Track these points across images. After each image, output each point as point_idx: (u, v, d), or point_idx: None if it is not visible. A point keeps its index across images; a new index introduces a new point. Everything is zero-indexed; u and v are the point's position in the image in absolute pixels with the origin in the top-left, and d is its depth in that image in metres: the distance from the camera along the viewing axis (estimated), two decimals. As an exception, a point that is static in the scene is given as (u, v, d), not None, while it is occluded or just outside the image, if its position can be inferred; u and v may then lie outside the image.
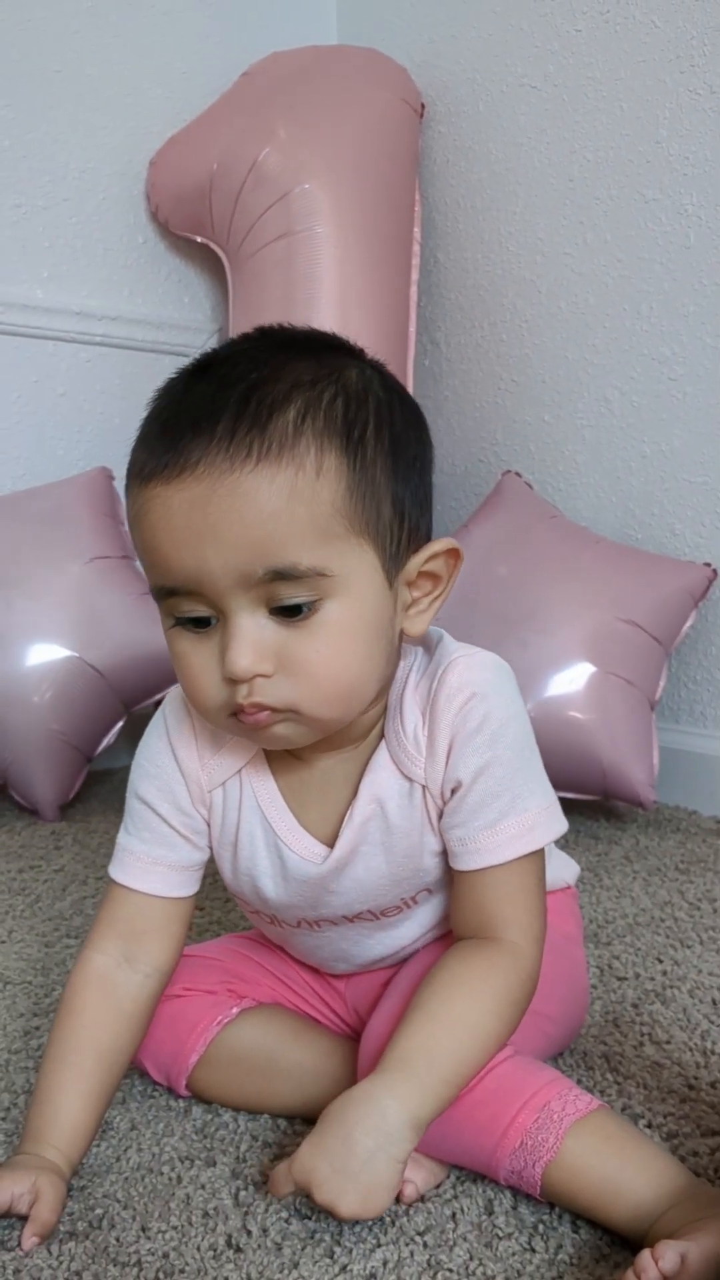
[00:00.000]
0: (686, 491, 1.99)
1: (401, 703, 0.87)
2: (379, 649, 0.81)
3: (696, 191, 1.93)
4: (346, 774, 0.89)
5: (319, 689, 0.78)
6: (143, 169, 2.25)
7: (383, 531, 0.79)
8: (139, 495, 0.77)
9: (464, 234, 2.30)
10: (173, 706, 0.93)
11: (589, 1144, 0.79)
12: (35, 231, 2.14)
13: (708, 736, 1.99)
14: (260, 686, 0.77)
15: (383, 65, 2.24)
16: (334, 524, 0.76)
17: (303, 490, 0.74)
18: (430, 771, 0.86)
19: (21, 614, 1.85)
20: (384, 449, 0.79)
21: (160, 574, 0.78)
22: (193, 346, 2.35)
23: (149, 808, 0.92)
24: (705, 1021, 1.13)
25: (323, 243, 2.03)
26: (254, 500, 0.73)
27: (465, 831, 0.86)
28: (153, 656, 1.92)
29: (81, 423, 2.23)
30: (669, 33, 1.94)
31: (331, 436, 0.76)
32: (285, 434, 0.74)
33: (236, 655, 0.76)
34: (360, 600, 0.78)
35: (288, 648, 0.77)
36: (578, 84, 2.08)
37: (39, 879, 1.59)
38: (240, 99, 2.18)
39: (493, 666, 0.87)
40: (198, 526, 0.74)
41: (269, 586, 0.75)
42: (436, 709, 0.85)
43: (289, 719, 0.79)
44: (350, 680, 0.79)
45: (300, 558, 0.75)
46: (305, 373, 0.77)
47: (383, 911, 0.93)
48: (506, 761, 0.85)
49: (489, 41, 2.22)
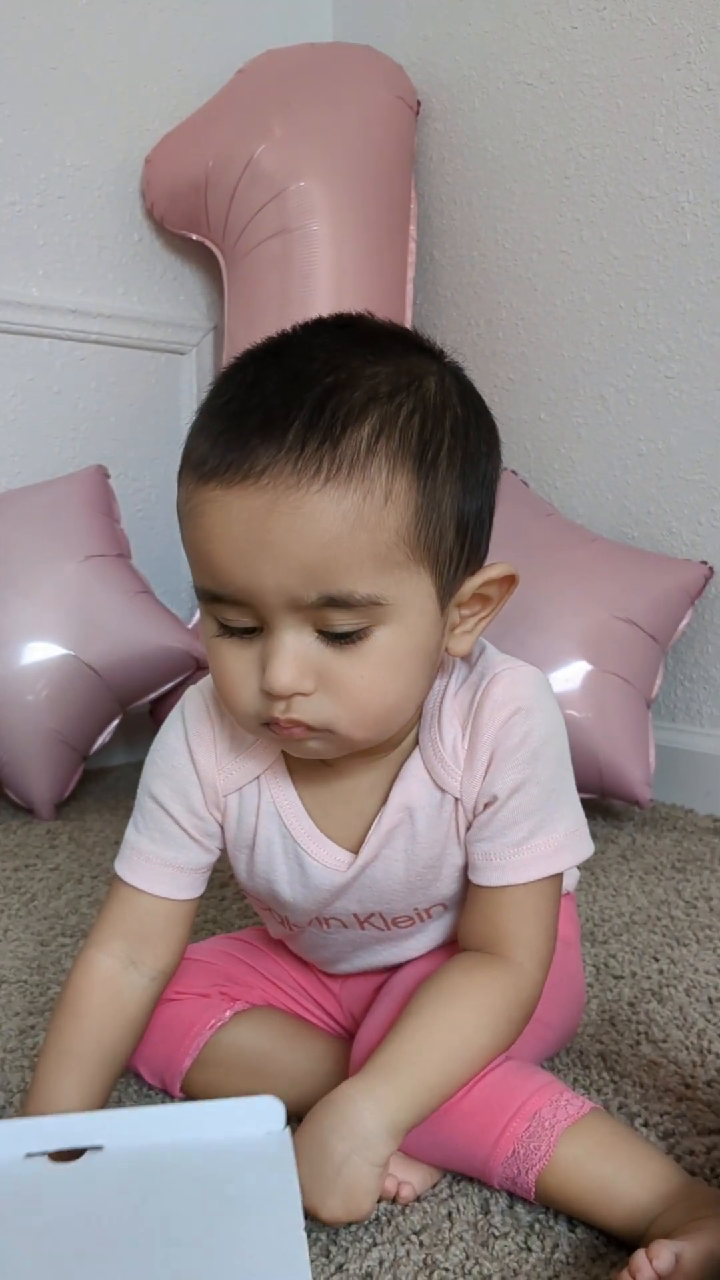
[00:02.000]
0: (683, 489, 1.99)
1: (440, 713, 0.85)
2: (423, 674, 0.79)
3: (693, 189, 1.93)
4: (373, 781, 0.87)
5: (358, 712, 0.76)
6: (138, 166, 2.25)
7: (443, 558, 0.76)
8: (195, 492, 0.73)
9: (460, 231, 2.30)
10: (193, 704, 0.90)
11: (582, 1149, 0.79)
12: (30, 229, 2.14)
13: (704, 735, 1.99)
14: (299, 704, 0.75)
15: (378, 62, 2.23)
16: (396, 552, 0.73)
17: (368, 517, 0.71)
18: (467, 784, 0.84)
19: (16, 612, 1.84)
20: (455, 469, 0.76)
21: (209, 580, 0.75)
22: (188, 344, 2.35)
23: (161, 807, 0.90)
24: (701, 1020, 1.13)
25: (318, 240, 2.02)
26: (317, 522, 0.70)
27: (491, 846, 0.85)
28: (148, 655, 1.91)
29: (76, 420, 2.22)
30: (665, 30, 1.93)
31: (405, 459, 0.72)
32: (358, 452, 0.71)
33: (278, 672, 0.73)
34: (412, 628, 0.75)
35: (331, 668, 0.74)
36: (574, 81, 2.08)
37: (34, 877, 1.59)
38: (236, 96, 2.18)
39: (536, 682, 0.85)
40: (255, 541, 0.71)
41: (320, 611, 0.72)
42: (479, 722, 0.83)
43: (322, 737, 0.77)
44: (391, 705, 0.77)
45: (357, 587, 0.72)
46: (384, 382, 0.73)
47: (394, 920, 0.91)
48: (544, 780, 0.84)
49: (485, 38, 2.22)
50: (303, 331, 0.78)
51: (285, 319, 2.23)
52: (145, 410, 2.32)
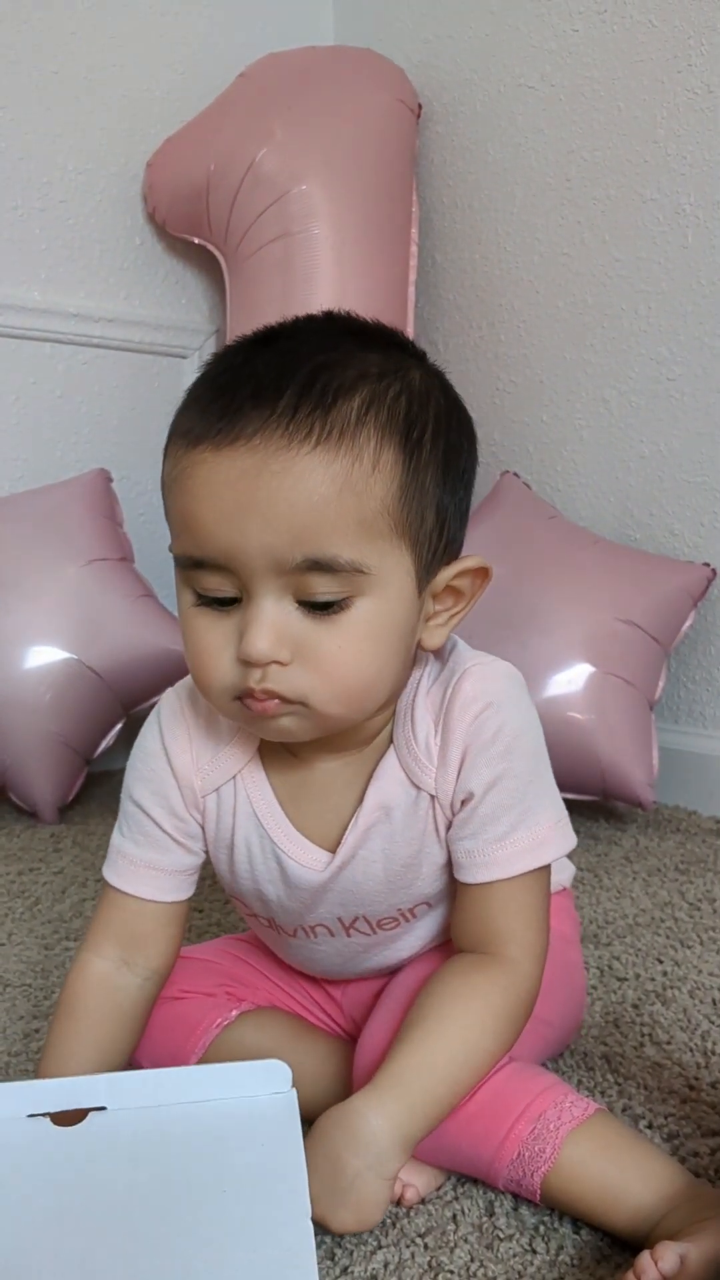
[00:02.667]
0: (685, 491, 1.99)
1: (413, 710, 0.85)
2: (398, 654, 0.79)
3: (694, 191, 1.93)
4: (348, 779, 0.87)
5: (334, 685, 0.75)
6: (140, 170, 2.25)
7: (423, 539, 0.77)
8: (183, 458, 0.74)
9: (461, 234, 2.30)
10: (169, 707, 0.90)
11: (586, 1151, 0.79)
12: (32, 233, 2.14)
13: (707, 736, 1.99)
14: (274, 674, 0.75)
15: (379, 66, 2.24)
16: (380, 521, 0.74)
17: (356, 482, 0.72)
18: (441, 782, 0.84)
19: (20, 616, 1.84)
20: (438, 456, 0.77)
21: (192, 544, 0.75)
22: (190, 348, 2.36)
23: (142, 810, 0.89)
24: (706, 1022, 1.13)
25: (320, 244, 2.03)
26: (306, 483, 0.71)
27: (474, 844, 0.84)
28: (151, 658, 1.92)
29: (79, 424, 2.23)
30: (666, 33, 1.94)
31: (393, 433, 0.74)
32: (348, 421, 0.73)
33: (255, 638, 0.73)
34: (390, 603, 0.76)
35: (309, 639, 0.74)
36: (575, 84, 2.08)
37: (38, 881, 1.59)
38: (237, 100, 2.18)
39: (507, 676, 0.86)
40: (243, 500, 0.72)
41: (303, 576, 0.73)
42: (450, 718, 0.83)
43: (296, 712, 0.77)
44: (366, 681, 0.77)
45: (341, 551, 0.73)
46: (373, 365, 0.75)
47: (379, 923, 0.91)
48: (520, 774, 0.84)
49: (486, 42, 2.22)
50: (293, 322, 0.81)
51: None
52: (148, 414, 2.32)
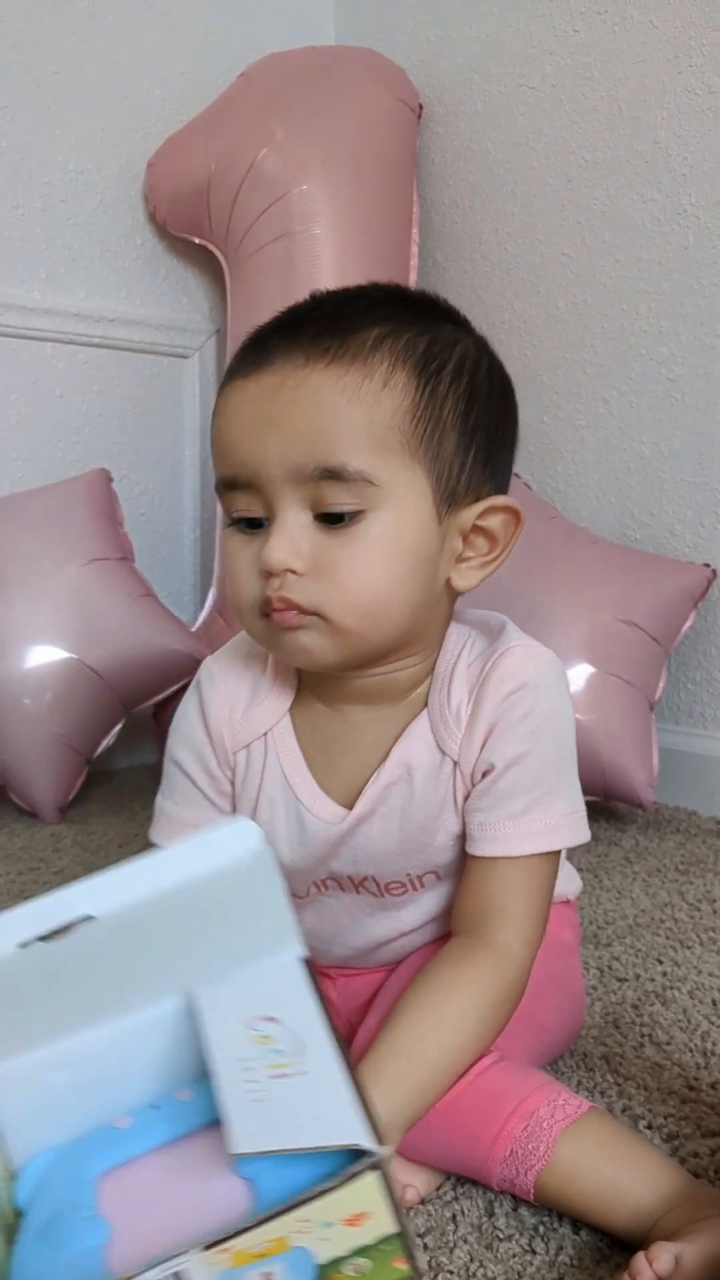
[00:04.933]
0: (685, 492, 1.99)
1: (451, 676, 0.88)
2: (415, 576, 0.82)
3: (695, 191, 1.93)
4: (378, 736, 0.89)
5: (347, 596, 0.79)
6: (140, 170, 2.25)
7: (440, 465, 0.81)
8: (221, 394, 0.83)
9: (462, 235, 2.30)
10: (206, 671, 0.95)
11: (581, 1150, 0.79)
12: (33, 233, 2.14)
13: (707, 737, 1.99)
14: (291, 583, 0.79)
15: (380, 66, 2.24)
16: (389, 436, 0.78)
17: (365, 395, 0.78)
18: (465, 749, 0.86)
19: (20, 616, 1.84)
20: (459, 392, 0.82)
21: (222, 463, 0.82)
22: (190, 348, 2.36)
23: (181, 770, 0.94)
24: (705, 1022, 1.13)
25: (321, 244, 2.03)
26: (317, 395, 0.77)
27: (487, 817, 0.86)
28: (151, 658, 1.92)
29: (80, 424, 2.22)
30: (667, 33, 1.94)
31: (407, 359, 0.80)
32: (363, 345, 0.79)
33: (273, 548, 0.79)
34: (403, 521, 0.80)
35: (325, 551, 0.79)
36: (576, 84, 2.08)
37: (39, 881, 1.59)
38: (238, 100, 2.18)
39: (549, 662, 0.88)
40: (263, 415, 0.78)
41: (318, 486, 0.78)
42: (485, 690, 0.86)
43: (315, 626, 0.81)
44: (379, 594, 0.80)
45: (350, 459, 0.77)
46: (405, 314, 0.82)
47: (387, 886, 0.92)
48: (543, 756, 0.86)
49: (487, 42, 2.22)
50: (344, 289, 0.87)
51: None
52: (148, 414, 2.32)
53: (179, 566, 2.41)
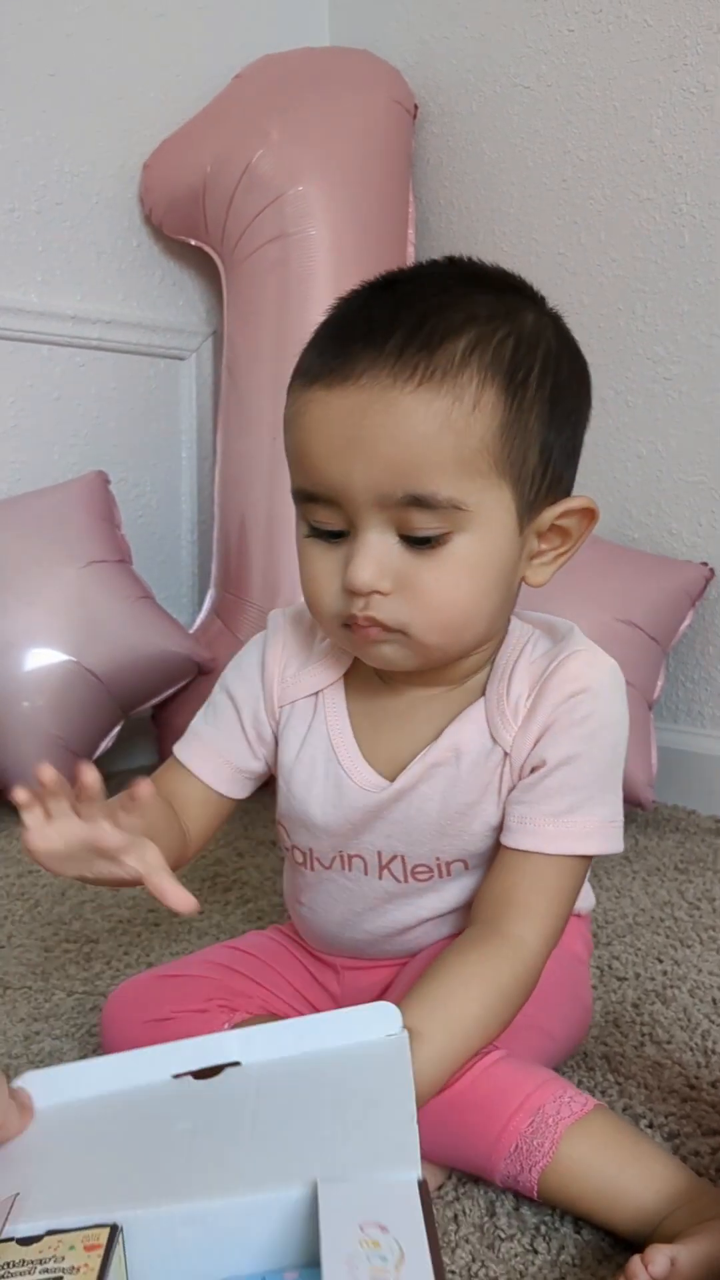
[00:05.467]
0: (683, 491, 1.99)
1: (513, 670, 0.88)
2: (497, 589, 0.83)
3: (690, 190, 1.93)
4: (429, 714, 0.90)
5: (432, 616, 0.80)
6: (136, 172, 2.25)
7: (525, 478, 0.80)
8: (300, 396, 0.80)
9: (458, 235, 2.30)
10: (273, 622, 0.97)
11: (586, 1148, 0.78)
12: (29, 235, 2.14)
13: (706, 736, 1.99)
14: (377, 603, 0.80)
15: (375, 66, 2.24)
16: (479, 460, 0.77)
17: (456, 420, 0.76)
18: (519, 742, 0.87)
19: (18, 619, 1.84)
20: (544, 395, 0.80)
21: (304, 478, 0.80)
22: (187, 350, 2.36)
23: (231, 701, 0.96)
24: (706, 1021, 1.13)
25: (316, 245, 2.03)
26: (407, 421, 0.75)
27: (529, 811, 0.87)
28: (150, 660, 1.92)
29: (76, 426, 2.23)
30: (662, 32, 1.94)
31: (496, 374, 0.77)
32: (451, 361, 0.76)
33: (359, 569, 0.78)
34: (489, 540, 0.80)
35: (410, 571, 0.79)
36: (571, 84, 2.08)
37: (38, 884, 1.59)
38: (233, 101, 2.18)
39: (611, 671, 0.89)
40: (350, 437, 0.76)
41: (404, 511, 0.77)
42: (547, 688, 0.86)
43: (398, 640, 0.82)
44: (463, 613, 0.81)
45: (440, 487, 0.76)
46: (482, 307, 0.79)
47: (414, 871, 0.92)
48: (595, 761, 0.87)
49: (482, 42, 2.22)
50: (413, 268, 0.86)
51: (284, 323, 2.24)
52: (145, 416, 2.32)
53: (177, 568, 2.41)
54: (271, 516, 2.03)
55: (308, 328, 0.85)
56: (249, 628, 2.02)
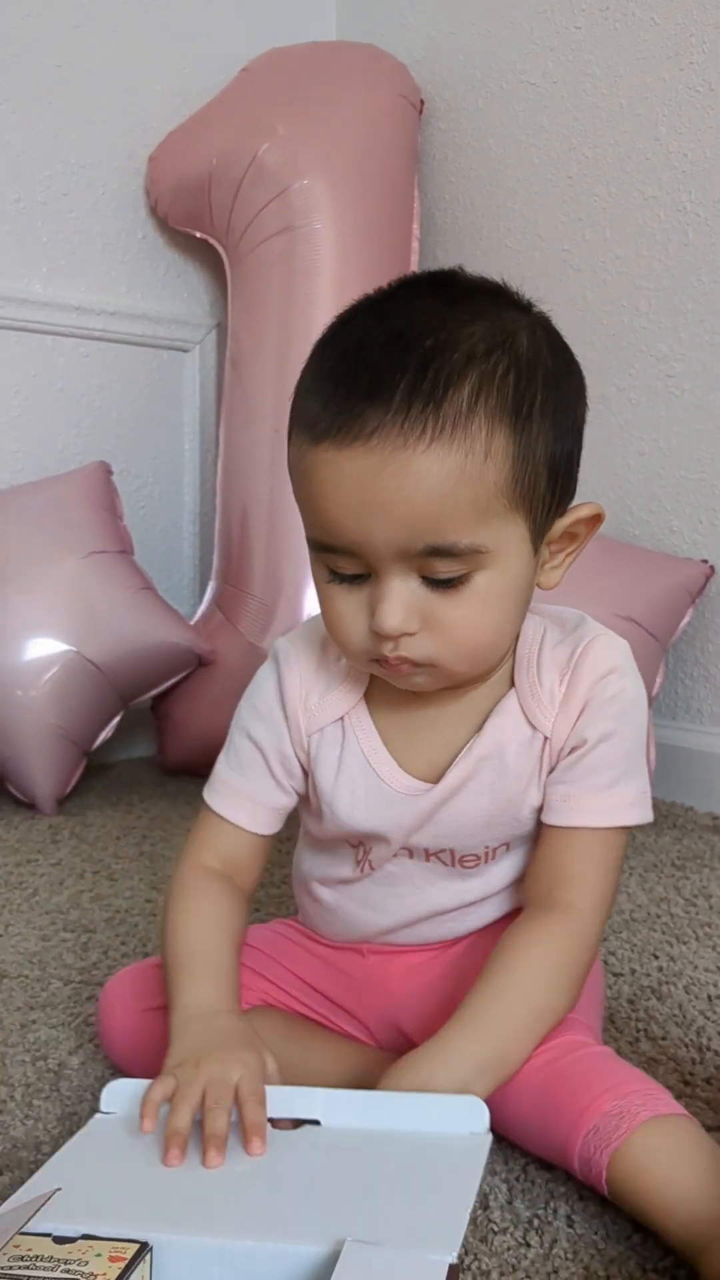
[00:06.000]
0: (684, 488, 1.99)
1: (538, 661, 0.91)
2: (518, 610, 0.86)
3: (695, 188, 1.93)
4: (459, 712, 0.92)
5: (460, 648, 0.83)
6: (142, 164, 2.25)
7: (537, 503, 0.82)
8: (309, 452, 0.80)
9: (463, 230, 2.30)
10: (283, 652, 0.97)
11: (660, 1141, 0.76)
12: (34, 226, 2.14)
13: (704, 733, 1.99)
14: (406, 643, 0.82)
15: (382, 61, 2.24)
16: (495, 503, 0.79)
17: (470, 473, 0.77)
18: (559, 725, 0.90)
19: (19, 608, 1.85)
20: (548, 417, 0.81)
21: (321, 533, 0.81)
22: (191, 342, 2.36)
23: (253, 744, 0.96)
24: (701, 1018, 1.14)
25: (322, 238, 2.03)
26: (423, 481, 0.76)
27: (571, 789, 0.90)
28: (150, 651, 1.92)
29: (80, 417, 2.23)
30: (668, 30, 1.94)
31: (502, 415, 0.78)
32: (459, 411, 0.76)
33: (387, 615, 0.80)
34: (509, 570, 0.82)
35: (435, 610, 0.81)
36: (577, 81, 2.08)
37: (36, 873, 1.59)
38: (239, 95, 2.18)
39: (628, 651, 0.93)
40: (366, 499, 0.77)
41: (425, 559, 0.79)
42: (579, 673, 0.90)
43: (427, 671, 0.84)
44: (489, 641, 0.84)
45: (460, 538, 0.78)
46: (480, 340, 0.79)
47: (461, 860, 0.94)
48: (628, 738, 0.91)
49: (488, 38, 2.22)
50: (400, 290, 0.84)
51: (288, 317, 2.24)
52: (148, 407, 2.33)
53: (178, 560, 2.42)
54: (273, 509, 2.04)
55: (312, 321, 0.85)
56: (249, 620, 2.03)
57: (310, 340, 0.85)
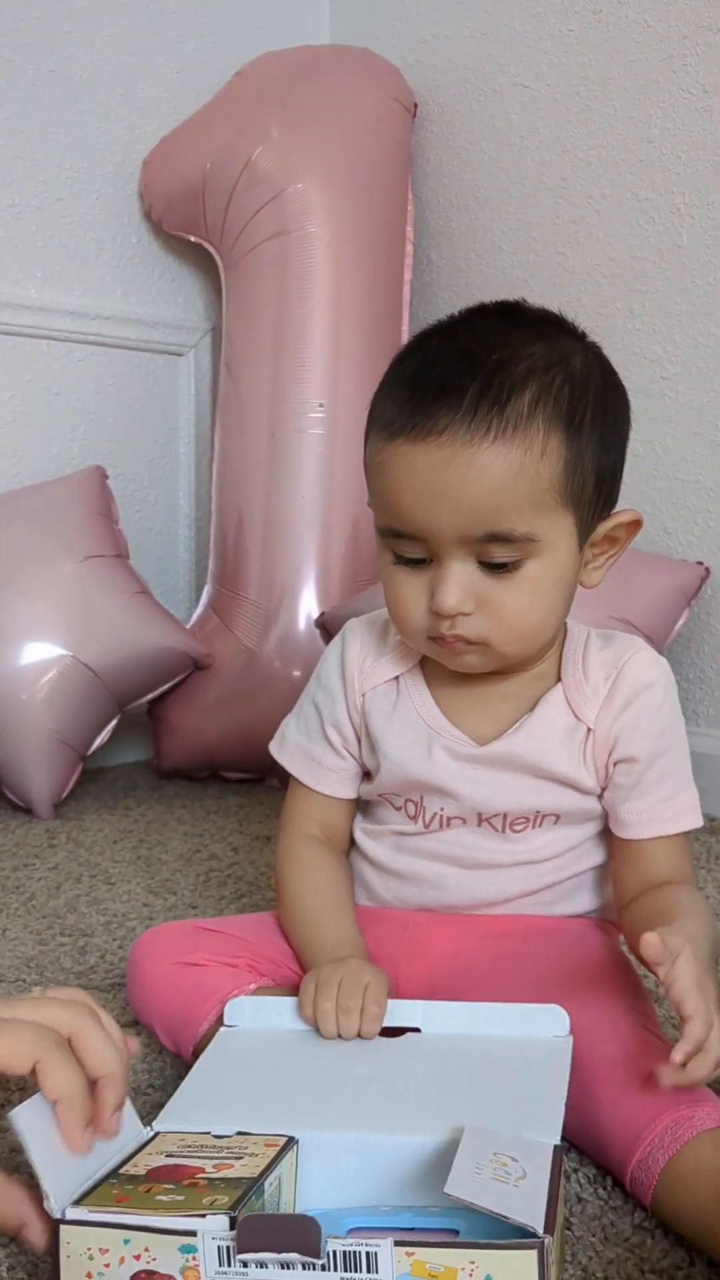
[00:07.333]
0: (679, 490, 1.99)
1: (585, 660, 1.00)
2: (563, 600, 0.95)
3: (688, 190, 1.93)
4: (505, 697, 1.00)
5: (511, 630, 0.92)
6: (136, 168, 2.25)
7: (584, 504, 0.93)
8: (384, 448, 0.90)
9: (457, 233, 2.30)
10: (350, 625, 1.08)
11: (713, 1153, 0.76)
12: (28, 231, 2.14)
13: (701, 735, 1.99)
14: (461, 622, 0.91)
15: (375, 65, 2.24)
16: (549, 498, 0.89)
17: (528, 468, 0.87)
18: (602, 717, 0.98)
19: (15, 613, 1.85)
20: (598, 431, 0.92)
21: (393, 520, 0.91)
22: (186, 346, 2.36)
23: (317, 712, 1.07)
24: (697, 1018, 1.13)
25: (316, 242, 2.03)
26: (487, 473, 0.86)
27: (641, 804, 0.98)
28: (146, 655, 1.92)
29: (75, 422, 2.23)
30: (661, 32, 1.94)
31: (558, 421, 0.89)
32: (520, 415, 0.87)
33: (446, 594, 0.89)
34: (557, 561, 0.92)
35: (489, 593, 0.90)
36: (570, 83, 2.09)
37: (33, 877, 1.59)
38: (233, 99, 2.18)
39: (668, 669, 1.03)
40: (435, 488, 0.87)
41: (484, 545, 0.88)
42: (623, 676, 0.99)
43: (479, 650, 0.93)
44: (537, 624, 0.93)
45: (516, 525, 0.88)
46: (540, 358, 0.89)
47: (511, 823, 1.01)
48: (679, 749, 1.01)
49: (481, 41, 2.22)
50: (470, 316, 0.95)
51: (283, 320, 2.24)
52: (143, 411, 2.33)
53: (174, 564, 2.42)
54: (268, 513, 2.04)
55: (306, 325, 0.89)
56: (245, 623, 2.03)
57: (305, 343, 0.89)
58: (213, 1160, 0.71)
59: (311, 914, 1.03)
